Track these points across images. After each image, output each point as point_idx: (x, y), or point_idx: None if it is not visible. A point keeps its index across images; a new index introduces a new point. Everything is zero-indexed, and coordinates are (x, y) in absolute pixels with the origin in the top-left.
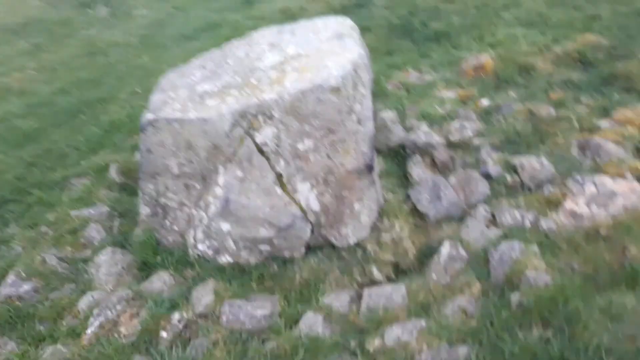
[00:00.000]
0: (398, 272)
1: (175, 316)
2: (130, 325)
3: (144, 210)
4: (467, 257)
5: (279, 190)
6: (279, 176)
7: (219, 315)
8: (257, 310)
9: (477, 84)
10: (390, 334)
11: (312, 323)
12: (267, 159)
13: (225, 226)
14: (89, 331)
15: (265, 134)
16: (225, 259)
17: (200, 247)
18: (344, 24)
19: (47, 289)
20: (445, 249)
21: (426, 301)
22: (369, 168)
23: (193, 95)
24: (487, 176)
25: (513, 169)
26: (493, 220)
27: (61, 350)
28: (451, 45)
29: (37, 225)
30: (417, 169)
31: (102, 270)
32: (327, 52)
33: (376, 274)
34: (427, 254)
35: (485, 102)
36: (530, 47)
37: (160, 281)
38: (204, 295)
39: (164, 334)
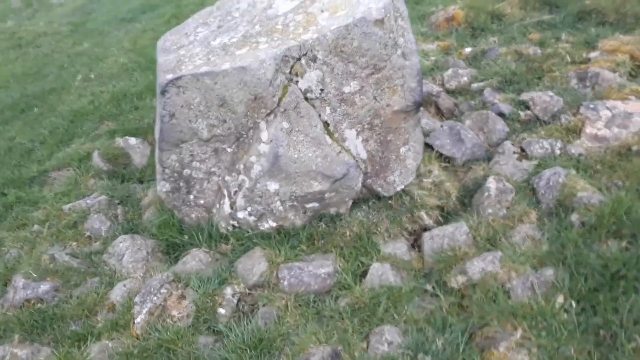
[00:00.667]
0: (443, 215)
1: (228, 291)
2: (181, 307)
3: (164, 187)
4: (513, 189)
5: (328, 139)
6: (325, 124)
7: (276, 282)
8: (319, 269)
9: (453, 34)
10: (472, 268)
11: (381, 273)
12: (313, 106)
13: (273, 186)
14: (138, 320)
15: (309, 79)
16: (268, 224)
17: (241, 215)
18: None
19: (68, 286)
20: (492, 184)
21: (490, 235)
22: (418, 105)
23: (212, 49)
24: (500, 114)
25: (524, 105)
26: (523, 154)
27: (109, 345)
28: (413, 2)
29: (26, 226)
30: (424, 118)
31: (125, 259)
32: None
33: (426, 219)
34: (465, 194)
35: (468, 49)
36: None
37: (195, 260)
38: (254, 265)
39: (221, 310)
